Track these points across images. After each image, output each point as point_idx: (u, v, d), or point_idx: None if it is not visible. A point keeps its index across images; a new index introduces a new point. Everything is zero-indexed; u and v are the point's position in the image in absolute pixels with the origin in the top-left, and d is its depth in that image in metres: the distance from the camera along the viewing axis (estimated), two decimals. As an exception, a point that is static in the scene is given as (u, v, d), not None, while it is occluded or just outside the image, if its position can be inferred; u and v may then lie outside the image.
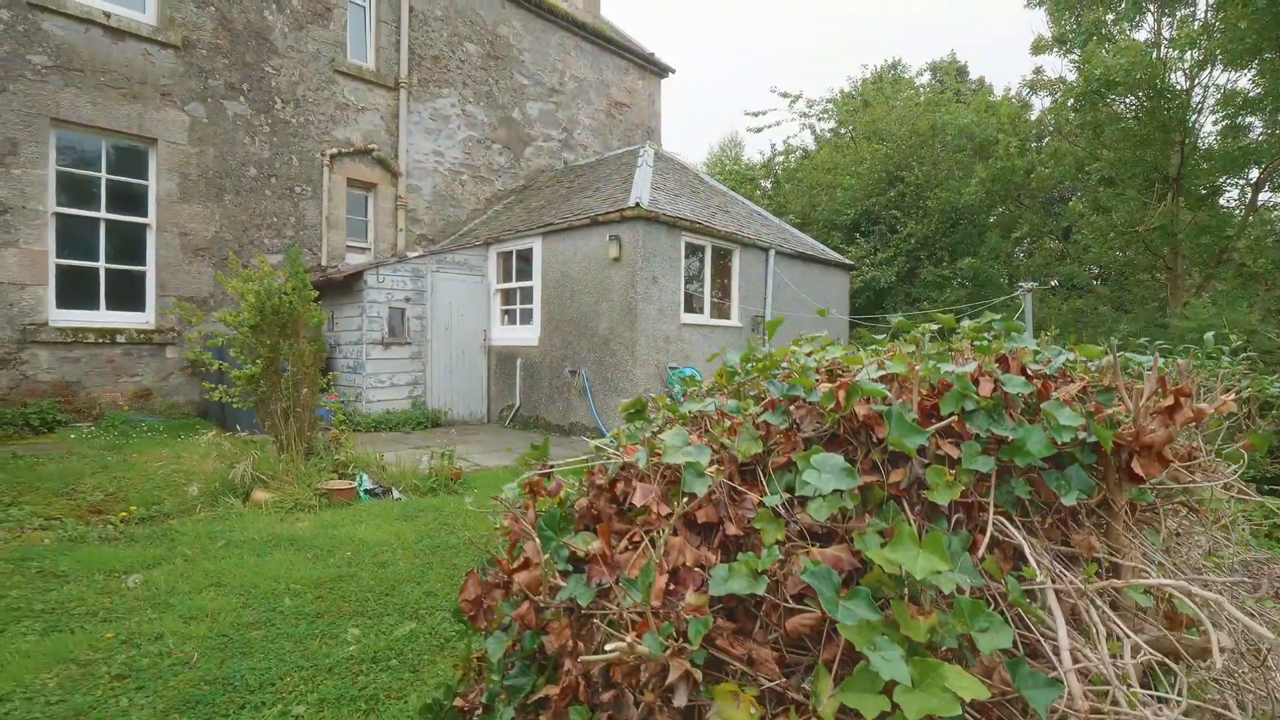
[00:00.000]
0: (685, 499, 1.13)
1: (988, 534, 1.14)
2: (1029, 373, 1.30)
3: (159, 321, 8.89)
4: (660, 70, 16.75)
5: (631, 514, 1.19)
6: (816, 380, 1.36)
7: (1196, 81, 12.62)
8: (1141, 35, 13.29)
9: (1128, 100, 12.79)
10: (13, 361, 7.74)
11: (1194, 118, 12.91)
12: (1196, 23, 12.64)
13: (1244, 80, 12.50)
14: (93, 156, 8.49)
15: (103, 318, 8.55)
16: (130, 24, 8.55)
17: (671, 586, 1.05)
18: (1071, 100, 12.91)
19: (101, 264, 8.55)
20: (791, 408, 1.28)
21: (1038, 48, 13.97)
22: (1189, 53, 12.11)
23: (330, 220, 10.50)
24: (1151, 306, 15.92)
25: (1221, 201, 14.13)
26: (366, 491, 5.11)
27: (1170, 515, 1.91)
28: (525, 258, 10.08)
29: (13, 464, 5.76)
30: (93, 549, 3.63)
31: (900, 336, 2.17)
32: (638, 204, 8.31)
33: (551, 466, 1.29)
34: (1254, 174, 13.49)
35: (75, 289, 8.37)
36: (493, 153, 12.98)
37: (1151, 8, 13.14)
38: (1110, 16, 13.47)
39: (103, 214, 8.54)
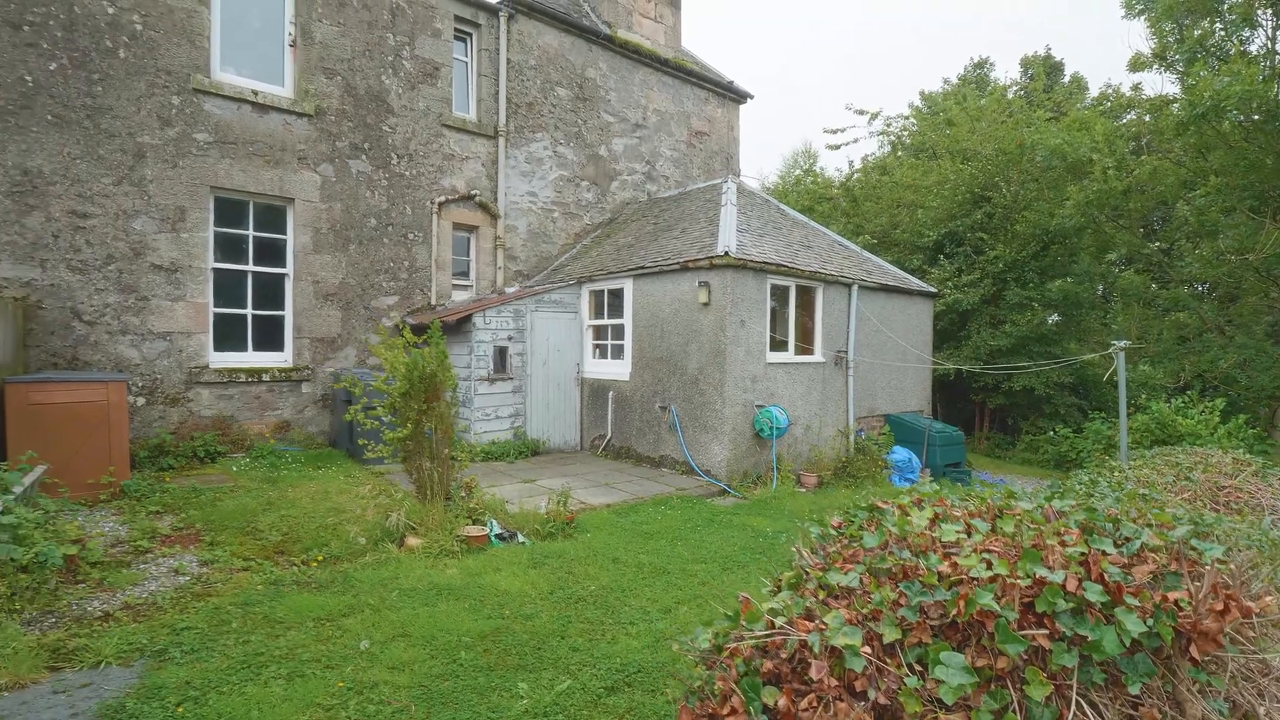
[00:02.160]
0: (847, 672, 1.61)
1: (1071, 710, 1.57)
2: (1105, 579, 1.70)
3: (296, 360, 10.01)
4: (739, 97, 17.11)
5: (806, 680, 1.68)
6: (938, 569, 1.81)
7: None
8: (1252, 48, 12.68)
9: (1238, 119, 12.24)
10: (182, 400, 8.96)
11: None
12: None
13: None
14: (241, 216, 9.66)
15: (250, 358, 9.73)
16: (273, 99, 9.67)
17: (842, 745, 1.53)
18: (1175, 122, 12.46)
19: (249, 311, 9.72)
20: (920, 601, 1.74)
21: (1136, 64, 13.52)
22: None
23: (438, 262, 11.46)
24: (1267, 322, 15.06)
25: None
26: (497, 536, 5.80)
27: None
28: (616, 295, 10.70)
29: (198, 500, 6.80)
30: (295, 596, 4.41)
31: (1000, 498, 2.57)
32: (726, 252, 8.76)
33: (742, 638, 1.80)
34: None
35: (228, 334, 9.56)
36: (581, 189, 13.72)
37: (1265, 16, 12.52)
38: (1219, 27, 12.91)
39: (250, 267, 9.72)
